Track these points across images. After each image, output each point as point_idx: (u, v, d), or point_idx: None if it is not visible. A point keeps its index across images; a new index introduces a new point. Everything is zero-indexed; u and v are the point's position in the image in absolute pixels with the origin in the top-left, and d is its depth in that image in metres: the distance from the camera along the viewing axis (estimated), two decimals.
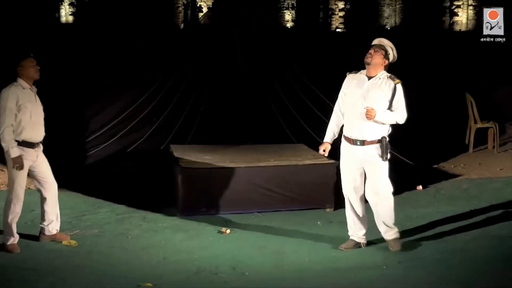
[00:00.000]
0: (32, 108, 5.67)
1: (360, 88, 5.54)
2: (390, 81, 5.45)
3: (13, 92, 5.58)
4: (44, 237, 5.96)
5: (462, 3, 15.85)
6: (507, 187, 7.67)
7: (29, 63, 5.74)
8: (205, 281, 4.99)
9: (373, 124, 5.45)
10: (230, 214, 7.01)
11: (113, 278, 5.04)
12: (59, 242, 5.86)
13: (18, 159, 5.53)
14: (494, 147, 9.97)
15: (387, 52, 5.51)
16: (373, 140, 5.48)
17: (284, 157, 7.57)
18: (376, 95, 5.45)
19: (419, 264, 5.28)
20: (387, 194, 5.60)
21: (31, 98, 5.71)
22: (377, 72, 5.51)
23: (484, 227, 6.16)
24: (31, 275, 5.01)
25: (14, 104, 5.54)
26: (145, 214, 6.95)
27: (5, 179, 8.07)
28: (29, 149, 5.65)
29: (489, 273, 4.84)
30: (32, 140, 5.68)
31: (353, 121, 5.56)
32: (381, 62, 5.50)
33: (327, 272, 5.24)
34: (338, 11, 17.69)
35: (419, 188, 7.99)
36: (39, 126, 5.78)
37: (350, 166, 5.68)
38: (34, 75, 5.75)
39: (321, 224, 6.74)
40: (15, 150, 5.52)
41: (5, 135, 5.52)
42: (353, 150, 5.59)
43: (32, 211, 6.89)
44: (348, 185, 5.73)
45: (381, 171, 5.55)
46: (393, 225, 5.66)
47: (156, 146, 9.01)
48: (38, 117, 5.77)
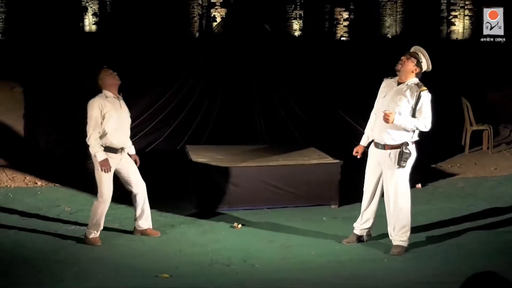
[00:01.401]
0: (117, 115, 5.71)
1: (389, 93, 5.37)
2: (416, 88, 5.25)
3: (97, 101, 5.65)
4: (135, 231, 6.07)
5: (459, 14, 15.76)
6: (501, 185, 7.64)
7: (105, 72, 5.81)
8: (218, 272, 5.00)
9: (394, 129, 5.24)
10: (241, 210, 7.00)
11: (132, 269, 5.06)
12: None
13: (104, 162, 5.60)
14: (489, 148, 9.92)
15: (419, 60, 5.31)
16: (393, 145, 5.28)
17: (292, 157, 7.56)
18: (399, 100, 5.24)
19: (418, 257, 5.27)
20: (402, 203, 5.35)
21: (116, 105, 5.75)
22: (408, 78, 5.31)
23: (479, 223, 6.14)
24: (58, 266, 5.05)
25: (99, 113, 5.60)
26: (162, 209, 6.96)
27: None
28: (113, 153, 5.71)
29: (484, 266, 4.81)
30: (115, 145, 5.73)
31: (378, 124, 5.38)
32: (412, 69, 5.30)
33: (331, 264, 5.23)
34: (342, 21, 17.64)
35: (418, 187, 7.96)
36: (123, 132, 5.83)
37: (370, 167, 5.55)
38: (113, 81, 5.81)
39: (326, 220, 6.73)
40: (101, 154, 5.59)
41: (92, 141, 5.60)
42: (376, 152, 5.45)
43: (58, 206, 6.94)
44: (366, 183, 5.63)
45: (396, 177, 5.31)
46: (403, 231, 5.39)
47: (173, 146, 9.02)
48: (123, 124, 5.81)
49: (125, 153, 5.88)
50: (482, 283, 2.03)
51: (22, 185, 7.88)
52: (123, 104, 5.87)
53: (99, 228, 5.77)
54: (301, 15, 18.17)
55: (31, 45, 13.50)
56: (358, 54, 11.06)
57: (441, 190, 7.81)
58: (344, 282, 4.55)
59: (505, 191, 7.29)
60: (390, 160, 5.30)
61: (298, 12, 18.18)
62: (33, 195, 7.38)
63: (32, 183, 7.99)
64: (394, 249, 5.42)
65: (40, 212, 6.73)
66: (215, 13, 17.59)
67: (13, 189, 7.67)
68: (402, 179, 5.34)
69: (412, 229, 5.98)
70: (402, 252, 5.38)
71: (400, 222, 5.38)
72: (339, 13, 17.64)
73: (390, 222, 5.45)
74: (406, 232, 5.40)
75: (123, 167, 5.85)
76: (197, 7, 18.06)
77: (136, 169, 5.99)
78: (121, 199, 6.66)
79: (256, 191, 7.09)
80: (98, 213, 5.73)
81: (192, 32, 17.81)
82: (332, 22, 17.73)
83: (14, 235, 5.90)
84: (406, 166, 5.29)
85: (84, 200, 7.18)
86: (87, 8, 17.35)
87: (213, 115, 9.46)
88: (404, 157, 5.22)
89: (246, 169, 7.12)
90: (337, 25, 17.66)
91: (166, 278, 4.76)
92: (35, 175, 8.33)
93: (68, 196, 7.36)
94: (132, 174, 5.92)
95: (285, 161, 7.38)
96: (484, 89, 11.60)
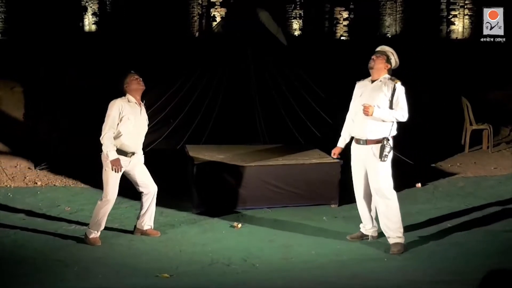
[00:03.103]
0: (134, 120, 5.74)
1: (364, 91, 5.58)
2: (391, 81, 5.48)
3: (118, 102, 5.70)
4: (136, 230, 6.09)
5: (459, 13, 15.75)
6: (501, 185, 7.63)
7: (131, 77, 5.85)
8: (218, 272, 5.00)
9: (374, 124, 5.44)
10: (241, 209, 7.01)
11: (133, 269, 5.06)
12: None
13: (115, 162, 5.63)
14: (489, 148, 9.92)
15: (388, 57, 5.56)
16: (374, 139, 5.46)
17: (292, 156, 7.56)
18: (377, 95, 5.47)
19: (418, 256, 5.27)
20: (387, 196, 5.45)
21: (136, 111, 5.79)
22: (380, 75, 5.55)
23: (479, 222, 6.14)
24: (58, 266, 5.04)
25: (117, 114, 5.64)
26: (163, 209, 6.96)
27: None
28: (122, 156, 5.73)
29: (484, 265, 4.80)
30: (126, 149, 5.76)
31: (358, 122, 5.58)
32: (383, 67, 5.54)
33: (332, 264, 5.23)
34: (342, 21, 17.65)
35: (418, 186, 7.96)
36: (138, 138, 5.86)
37: (356, 165, 5.69)
38: (138, 86, 5.85)
39: (326, 219, 6.73)
40: (113, 154, 5.62)
41: (105, 140, 5.62)
42: (358, 149, 5.61)
43: (58, 206, 6.94)
44: (355, 182, 5.75)
45: (379, 171, 5.45)
46: (395, 227, 5.44)
47: (173, 146, 9.02)
48: (139, 130, 5.84)
49: (135, 157, 5.89)
50: (500, 280, 2.05)
51: (22, 185, 7.88)
52: (143, 111, 5.92)
53: (100, 228, 5.77)
54: (301, 14, 18.20)
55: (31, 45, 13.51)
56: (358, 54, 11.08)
57: (441, 189, 7.80)
58: (346, 282, 4.54)
59: (505, 190, 7.29)
60: (373, 155, 5.46)
61: (298, 11, 18.21)
62: (33, 195, 7.38)
63: (32, 183, 7.99)
64: (394, 247, 5.43)
65: (40, 212, 6.73)
66: (215, 13, 17.61)
67: (13, 189, 7.67)
68: (386, 172, 5.50)
69: (412, 227, 6.02)
70: (401, 249, 5.40)
71: (391, 216, 5.46)
72: (339, 13, 17.66)
73: (381, 217, 5.55)
74: (400, 227, 5.47)
75: (131, 169, 5.88)
76: (197, 6, 18.08)
77: (146, 171, 6.02)
78: (121, 200, 6.69)
79: (256, 190, 7.09)
80: (100, 213, 5.73)
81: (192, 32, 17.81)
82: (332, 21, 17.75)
83: (14, 235, 5.89)
84: (388, 160, 5.45)
85: (84, 200, 7.18)
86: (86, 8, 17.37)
87: (213, 114, 9.46)
88: (386, 150, 5.40)
89: (246, 168, 7.11)
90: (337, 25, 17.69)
91: (166, 277, 4.76)
92: (36, 175, 8.34)
93: (68, 196, 7.36)
94: (141, 176, 5.96)
95: (285, 160, 7.38)
96: (484, 89, 11.61)
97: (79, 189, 7.54)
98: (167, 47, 12.75)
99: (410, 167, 8.69)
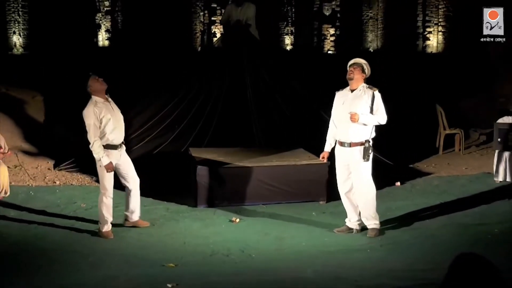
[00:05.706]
0: (111, 116, 5.68)
1: (346, 100, 5.64)
2: (369, 90, 5.57)
3: (91, 109, 5.63)
4: (127, 223, 6.04)
5: (433, 30, 15.78)
6: (471, 183, 7.64)
7: (93, 80, 5.76)
8: (218, 262, 4.99)
9: (357, 128, 5.52)
10: (239, 205, 7.01)
11: (141, 259, 5.05)
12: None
13: (109, 165, 5.62)
14: (460, 150, 9.96)
15: (363, 68, 5.63)
16: (357, 142, 5.55)
17: (285, 158, 7.57)
18: (358, 103, 5.54)
19: (397, 247, 5.27)
20: (368, 189, 5.63)
21: (108, 108, 5.73)
22: (358, 85, 5.62)
23: (452, 217, 6.14)
24: (74, 256, 5.03)
25: (96, 120, 5.58)
26: (168, 206, 6.96)
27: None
28: (113, 150, 5.71)
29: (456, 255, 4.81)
30: (114, 142, 5.72)
31: (342, 127, 5.65)
32: (360, 77, 5.61)
33: (321, 254, 5.23)
34: (329, 36, 17.64)
35: (397, 184, 7.97)
36: (119, 130, 5.81)
37: (340, 165, 5.76)
38: (101, 86, 5.77)
39: (315, 214, 6.73)
40: (105, 159, 5.59)
41: (95, 147, 5.58)
42: (343, 151, 5.68)
43: (74, 203, 6.92)
44: (339, 181, 5.81)
45: (362, 170, 5.58)
46: (373, 216, 5.67)
47: (178, 149, 9.01)
48: (118, 122, 5.78)
49: (123, 149, 5.87)
50: (468, 262, 2.10)
51: (42, 184, 7.85)
52: (114, 105, 5.84)
53: (108, 221, 5.74)
54: (292, 31, 18.20)
55: (50, 59, 13.48)
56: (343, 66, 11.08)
57: (418, 188, 7.81)
58: (333, 270, 4.54)
59: (474, 188, 7.30)
60: (356, 156, 5.55)
61: (289, 28, 18.20)
62: (52, 193, 7.36)
63: (51, 182, 7.97)
64: (371, 232, 5.68)
65: (58, 208, 6.71)
66: (215, 30, 17.59)
67: (34, 187, 7.64)
68: (367, 171, 5.62)
69: (392, 222, 6.04)
70: (377, 233, 5.66)
71: (370, 206, 5.66)
72: (326, 29, 17.66)
73: (362, 209, 5.70)
74: (376, 216, 5.71)
75: (122, 163, 5.85)
76: (199, 24, 18.06)
77: (132, 165, 5.98)
78: None
79: (253, 188, 7.10)
80: (104, 206, 5.71)
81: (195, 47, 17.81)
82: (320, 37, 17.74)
83: (35, 229, 5.88)
84: (369, 159, 5.57)
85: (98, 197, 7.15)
86: (100, 25, 17.32)
87: (214, 120, 9.44)
88: (368, 151, 5.52)
89: (243, 169, 7.12)
90: (324, 40, 17.67)
91: (172, 267, 4.76)
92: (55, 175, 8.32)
93: (84, 194, 7.34)
94: (129, 170, 5.93)
95: (278, 162, 7.39)
96: (457, 97, 11.63)
97: (94, 188, 7.51)
98: (172, 60, 12.73)
99: (390, 168, 8.70)
